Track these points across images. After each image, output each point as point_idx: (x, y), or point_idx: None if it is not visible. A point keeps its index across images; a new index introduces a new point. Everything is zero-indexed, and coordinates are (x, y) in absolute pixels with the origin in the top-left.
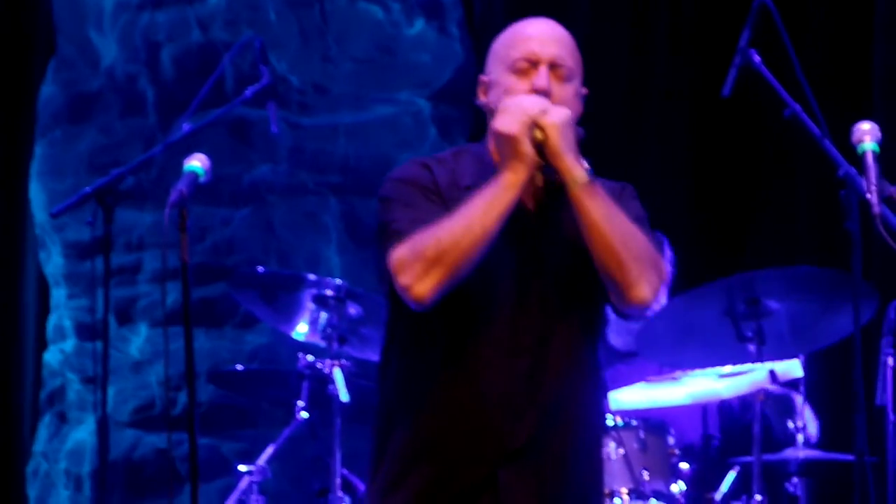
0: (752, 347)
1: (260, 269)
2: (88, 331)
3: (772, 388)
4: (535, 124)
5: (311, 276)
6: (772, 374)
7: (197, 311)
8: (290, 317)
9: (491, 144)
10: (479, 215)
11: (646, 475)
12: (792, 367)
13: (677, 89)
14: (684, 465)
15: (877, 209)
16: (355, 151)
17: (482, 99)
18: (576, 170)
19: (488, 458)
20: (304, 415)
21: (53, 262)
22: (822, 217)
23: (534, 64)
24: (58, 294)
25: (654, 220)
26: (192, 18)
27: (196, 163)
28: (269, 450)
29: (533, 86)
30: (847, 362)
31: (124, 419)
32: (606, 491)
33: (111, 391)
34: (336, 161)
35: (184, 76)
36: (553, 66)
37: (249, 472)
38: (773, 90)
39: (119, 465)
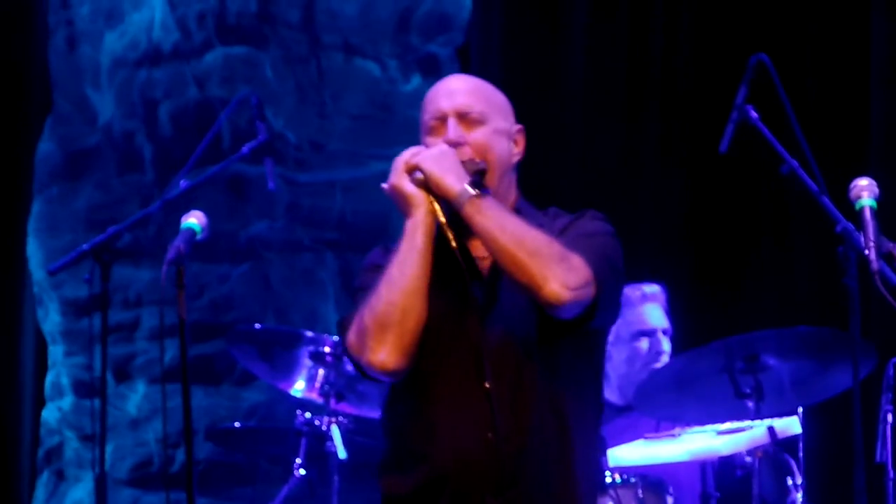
0: (750, 404)
1: (257, 325)
2: (86, 388)
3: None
4: (411, 168)
5: (309, 333)
6: (770, 430)
7: (194, 368)
8: (288, 374)
9: None
10: (396, 268)
11: None
12: (791, 424)
13: (673, 146)
14: None
15: (875, 265)
16: (352, 207)
17: None
18: (456, 188)
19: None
20: (302, 472)
21: (51, 319)
22: (820, 273)
23: (442, 120)
24: (55, 351)
25: (651, 269)
26: (188, 75)
27: (193, 220)
28: None
29: (444, 140)
30: (846, 419)
31: (122, 476)
32: None
33: (109, 448)
34: (333, 217)
35: (181, 133)
36: (461, 116)
37: None
38: (770, 146)
39: None
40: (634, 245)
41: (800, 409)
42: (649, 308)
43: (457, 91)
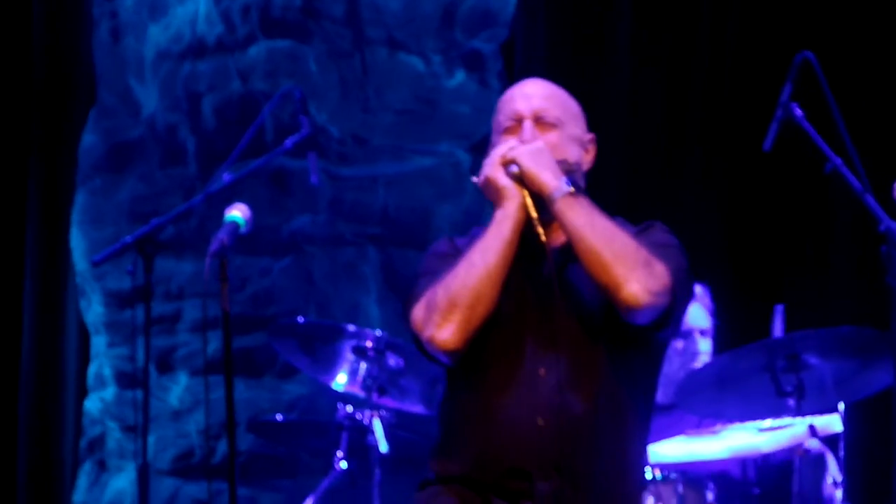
0: (791, 402)
1: (299, 319)
2: (128, 379)
3: (810, 444)
4: (507, 162)
5: (351, 327)
6: (811, 428)
7: (236, 360)
8: (330, 367)
9: None
10: (479, 253)
11: None
12: (832, 422)
13: (717, 144)
14: None
15: None
16: (394, 202)
17: None
18: (552, 184)
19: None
20: (343, 465)
21: (94, 310)
22: (863, 272)
23: (518, 121)
24: (98, 342)
25: (695, 274)
26: (232, 69)
27: (237, 213)
28: (309, 501)
29: (520, 140)
30: (887, 417)
31: (164, 468)
32: None
33: (151, 439)
34: (375, 212)
35: (224, 126)
36: (537, 119)
37: None
38: (814, 144)
39: None
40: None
41: (841, 407)
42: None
43: (534, 95)
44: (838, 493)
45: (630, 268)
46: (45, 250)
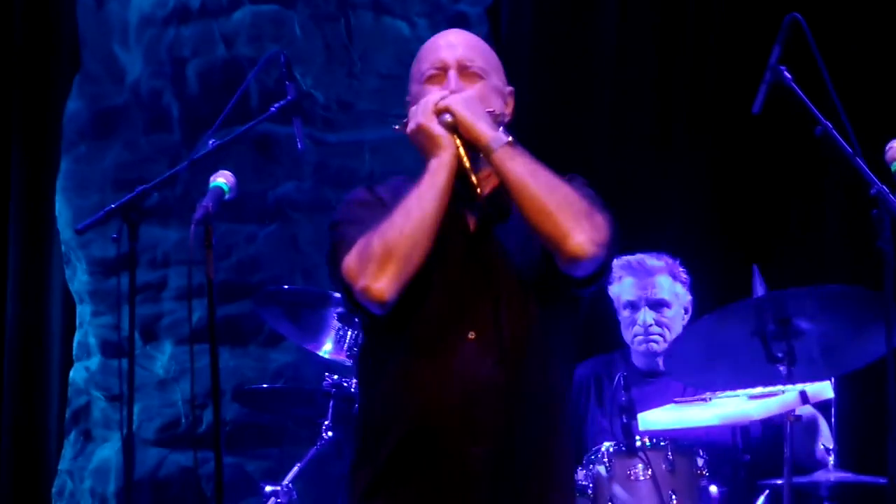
0: (782, 368)
1: (285, 286)
2: (113, 348)
3: (802, 410)
4: (440, 111)
5: (337, 294)
6: (802, 395)
7: (222, 328)
8: (316, 335)
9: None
10: (415, 202)
11: (674, 499)
12: (823, 389)
13: (705, 107)
14: (713, 489)
15: None
16: (380, 168)
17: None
18: (490, 133)
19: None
20: (330, 434)
21: (79, 278)
22: (853, 236)
23: (443, 70)
24: (83, 311)
25: (681, 238)
26: (216, 34)
27: (221, 179)
28: (295, 469)
29: (445, 89)
30: (880, 384)
31: (149, 437)
32: None
33: (136, 409)
34: (361, 178)
35: (208, 92)
36: (462, 68)
37: (275, 492)
38: (804, 107)
39: (144, 484)
40: (663, 207)
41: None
42: (642, 281)
43: (458, 44)
44: (830, 459)
45: (575, 218)
46: (30, 218)
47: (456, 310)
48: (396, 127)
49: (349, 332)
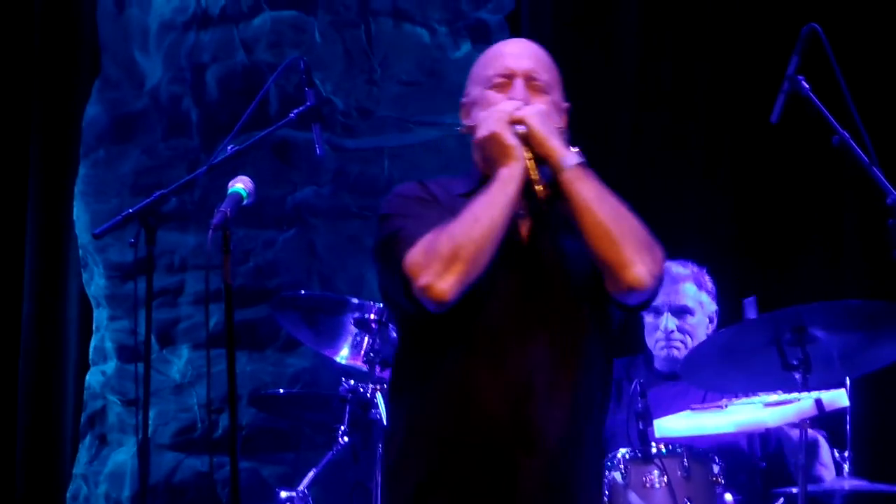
0: (797, 376)
1: (302, 292)
2: (130, 352)
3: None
4: (515, 121)
5: (354, 300)
6: (818, 402)
7: (239, 333)
8: (333, 340)
9: (477, 158)
10: (485, 209)
11: None
12: (838, 397)
13: (724, 116)
14: (728, 497)
15: None
16: (399, 174)
17: (464, 122)
18: (562, 152)
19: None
20: (346, 439)
21: (96, 282)
22: (870, 245)
23: (509, 78)
24: (100, 315)
25: (698, 249)
26: (236, 39)
27: (240, 185)
28: (311, 474)
29: (510, 98)
30: (894, 393)
31: (165, 442)
32: None
33: (152, 413)
34: (380, 184)
35: (228, 97)
36: (528, 79)
37: (290, 498)
38: (821, 117)
39: (159, 489)
40: (681, 216)
41: (847, 381)
42: (669, 287)
43: (527, 55)
44: (846, 468)
45: (637, 249)
46: (48, 222)
47: (511, 317)
48: (460, 129)
49: (366, 338)
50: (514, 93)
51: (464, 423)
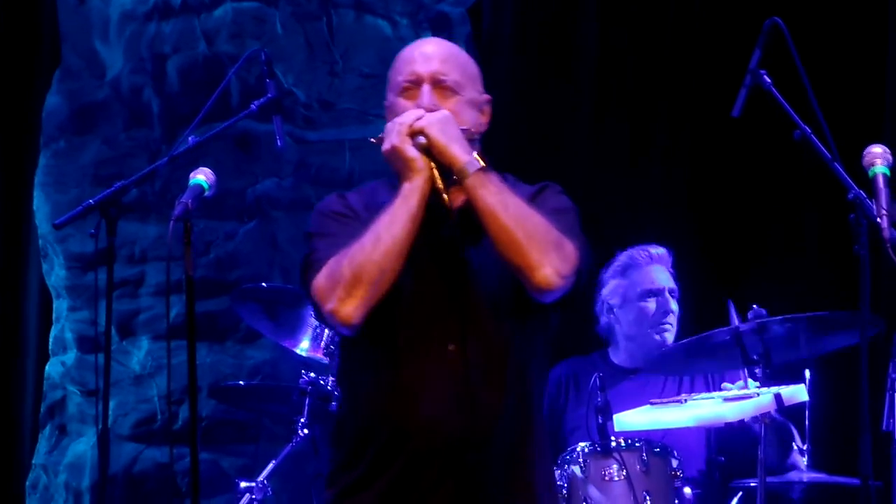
0: (757, 370)
1: (263, 284)
2: (90, 343)
3: (774, 414)
4: (415, 132)
5: None
6: (777, 397)
7: (199, 325)
8: (293, 332)
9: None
10: (385, 227)
11: (648, 499)
12: (797, 392)
13: (685, 110)
14: (688, 491)
15: (887, 233)
16: (361, 167)
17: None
18: (463, 159)
19: (444, 454)
20: (306, 431)
21: (56, 273)
22: (831, 241)
23: (416, 83)
24: (60, 306)
25: (661, 239)
26: (198, 30)
27: (201, 177)
28: (271, 465)
29: (418, 105)
30: (853, 387)
31: (125, 433)
32: None
33: (112, 404)
34: (341, 176)
35: (189, 88)
36: (435, 83)
37: (250, 489)
38: (783, 111)
39: (119, 479)
40: (643, 209)
41: (807, 376)
42: (656, 269)
43: (433, 56)
44: (803, 461)
45: (543, 251)
46: (7, 213)
47: (434, 321)
48: (373, 140)
49: (326, 331)
50: (422, 99)
51: (393, 425)
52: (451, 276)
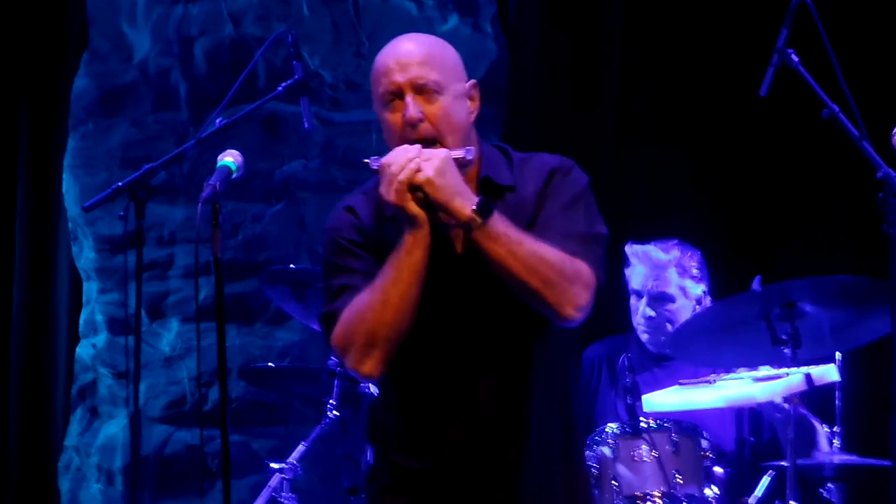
0: (787, 350)
1: (291, 266)
2: (120, 325)
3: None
4: (414, 187)
5: None
6: (808, 377)
7: (228, 307)
8: None
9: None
10: (392, 286)
11: (679, 479)
12: (828, 371)
13: (712, 90)
14: (718, 470)
15: None
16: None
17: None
18: (464, 213)
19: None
20: (335, 413)
21: (85, 256)
22: (860, 220)
23: (398, 94)
24: (90, 288)
25: (686, 225)
26: (224, 13)
27: (229, 158)
28: (300, 447)
29: (404, 120)
30: (884, 367)
31: (155, 414)
32: (639, 494)
33: (142, 386)
34: (368, 157)
35: (216, 71)
36: (417, 89)
37: (281, 470)
38: (811, 90)
39: (150, 461)
40: (669, 192)
41: (838, 357)
42: (637, 270)
43: (409, 61)
44: (836, 443)
45: (560, 292)
46: (37, 195)
47: (452, 355)
48: (367, 161)
49: None
50: (407, 112)
51: (419, 448)
52: (468, 287)
